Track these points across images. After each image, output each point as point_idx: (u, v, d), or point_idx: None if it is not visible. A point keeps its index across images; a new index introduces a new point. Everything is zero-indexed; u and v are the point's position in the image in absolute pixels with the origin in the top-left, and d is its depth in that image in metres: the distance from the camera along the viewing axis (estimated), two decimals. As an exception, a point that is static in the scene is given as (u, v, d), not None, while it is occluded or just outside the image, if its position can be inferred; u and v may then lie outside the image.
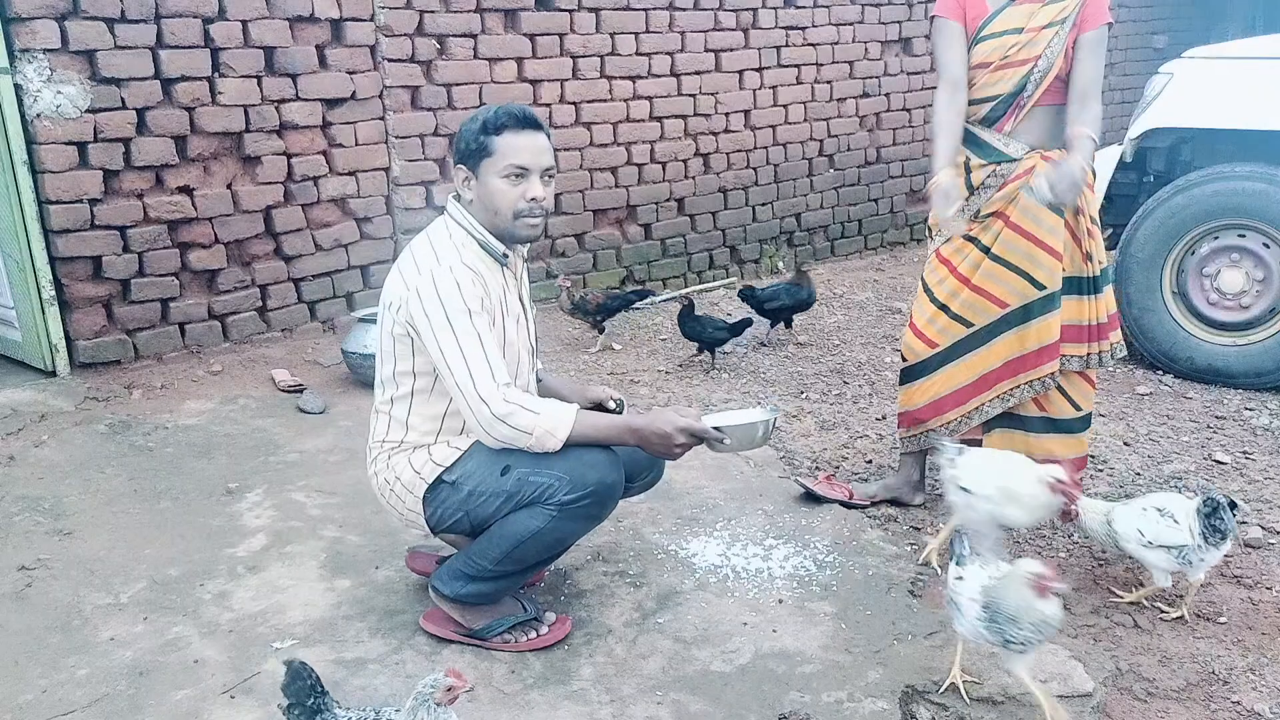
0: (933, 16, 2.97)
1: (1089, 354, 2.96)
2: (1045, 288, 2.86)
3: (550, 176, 2.37)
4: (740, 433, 2.38)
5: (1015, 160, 2.86)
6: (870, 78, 6.58)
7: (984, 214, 2.91)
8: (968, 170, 2.92)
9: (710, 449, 2.37)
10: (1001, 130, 2.88)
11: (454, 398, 2.28)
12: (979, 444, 3.15)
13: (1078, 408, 3.01)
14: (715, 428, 2.33)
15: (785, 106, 6.21)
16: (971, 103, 2.90)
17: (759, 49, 5.98)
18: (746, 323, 4.68)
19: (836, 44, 6.35)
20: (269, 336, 4.65)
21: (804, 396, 4.24)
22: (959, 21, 2.90)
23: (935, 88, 2.96)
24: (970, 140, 2.92)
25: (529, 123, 2.31)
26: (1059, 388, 2.96)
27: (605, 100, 5.44)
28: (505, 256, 2.40)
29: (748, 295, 4.88)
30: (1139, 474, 3.44)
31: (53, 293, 4.05)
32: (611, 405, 2.62)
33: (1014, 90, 2.83)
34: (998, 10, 2.84)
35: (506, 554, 2.33)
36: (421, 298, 2.24)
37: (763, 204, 6.27)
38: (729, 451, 2.39)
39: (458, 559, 2.41)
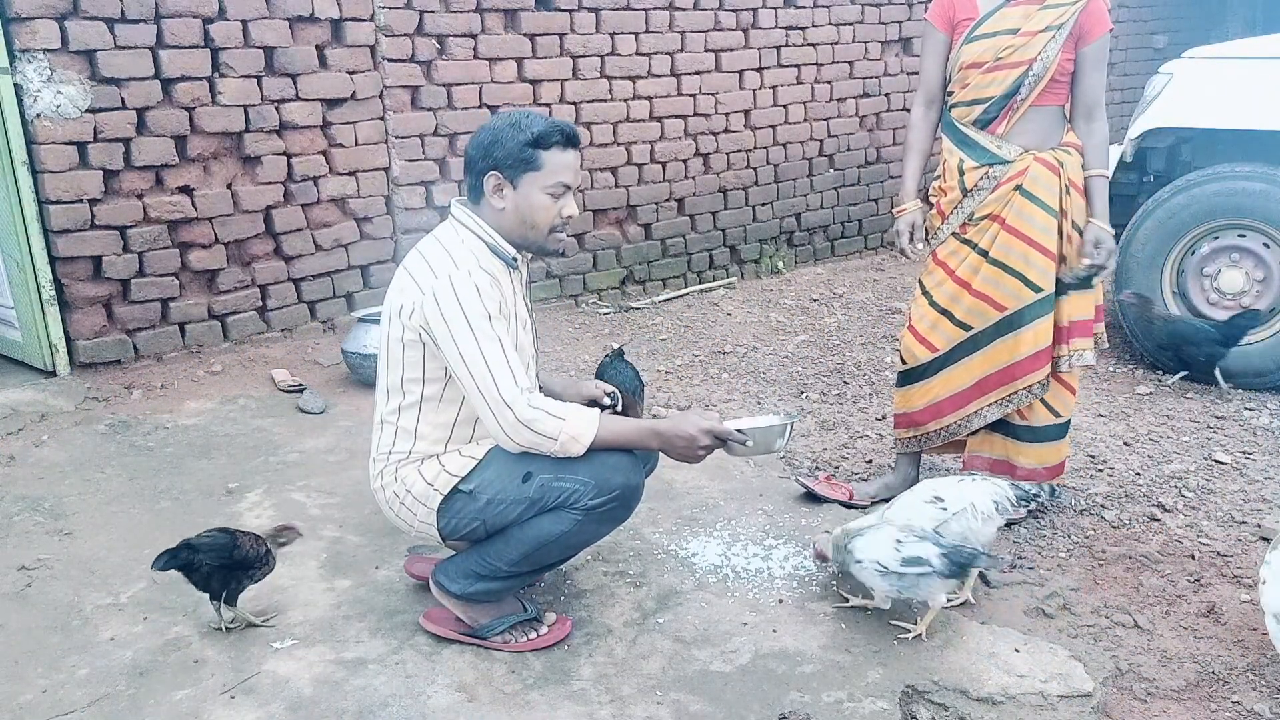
0: (924, 18, 3.00)
1: (1058, 356, 2.96)
2: (1040, 289, 2.85)
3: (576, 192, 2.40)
4: (761, 435, 2.39)
5: (1008, 162, 2.86)
6: (870, 78, 6.58)
7: (978, 216, 2.91)
8: (960, 173, 2.91)
9: (729, 452, 2.38)
10: (995, 132, 2.88)
11: (474, 403, 2.25)
12: (962, 447, 3.16)
13: (1057, 415, 3.01)
14: (738, 430, 2.34)
15: (785, 106, 6.21)
16: (965, 104, 2.90)
17: (759, 49, 5.98)
18: None
19: (836, 44, 6.34)
20: (269, 336, 4.65)
21: (804, 396, 4.24)
22: (945, 31, 2.93)
23: None
24: (964, 142, 2.92)
25: (574, 141, 2.33)
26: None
27: (605, 100, 5.44)
28: (515, 261, 2.40)
29: None
30: (1139, 474, 3.44)
31: (53, 293, 4.05)
32: (607, 401, 2.62)
33: (1008, 92, 2.83)
34: (992, 10, 2.84)
35: (525, 556, 2.33)
36: (439, 302, 2.22)
37: (763, 204, 6.27)
38: (747, 455, 2.40)
39: (468, 558, 2.40)
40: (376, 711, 2.20)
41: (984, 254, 2.91)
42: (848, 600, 2.61)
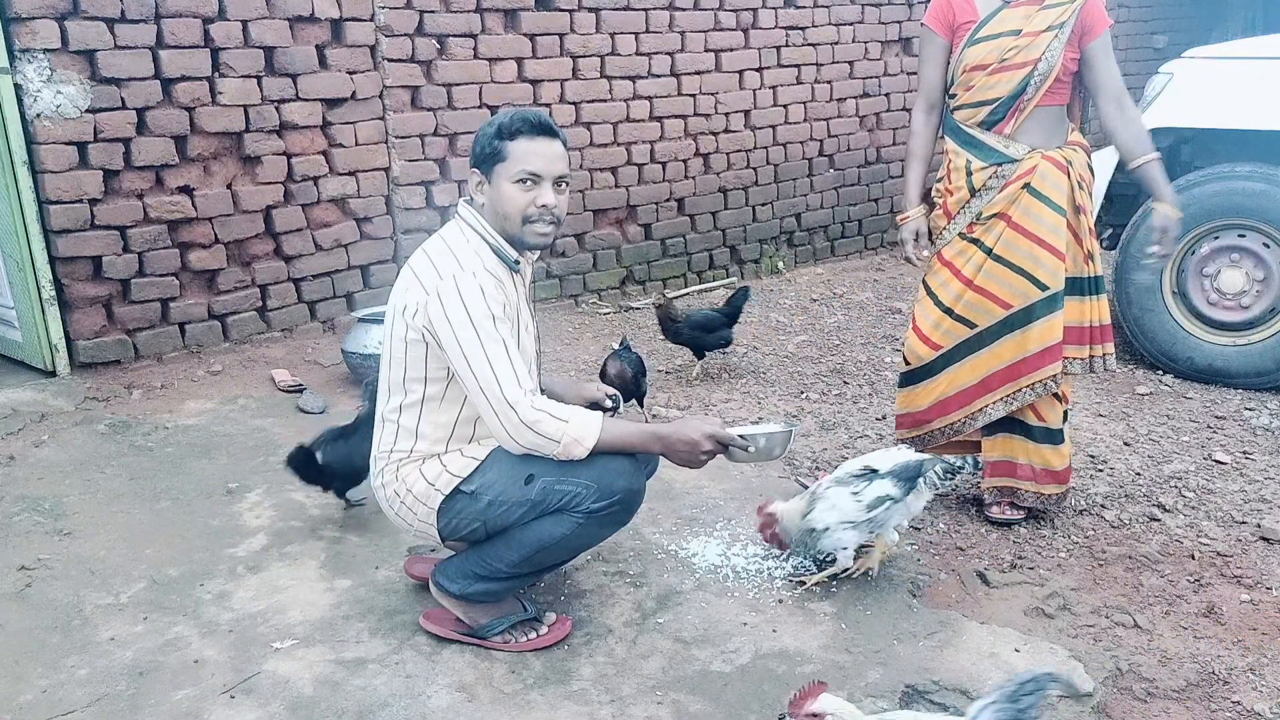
0: (921, 23, 3.00)
1: (1090, 357, 2.96)
2: (1048, 288, 2.85)
3: (564, 185, 2.35)
4: (763, 442, 2.40)
5: (1016, 161, 2.86)
6: (870, 78, 6.58)
7: (986, 215, 2.91)
8: (968, 173, 2.91)
9: (730, 458, 2.39)
10: (1002, 132, 2.88)
11: (476, 403, 2.25)
12: (978, 448, 3.15)
13: (1065, 416, 3.01)
14: (740, 435, 2.34)
15: (785, 106, 6.21)
16: (970, 106, 2.90)
17: (759, 49, 5.98)
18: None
19: (836, 44, 6.35)
20: (269, 336, 4.65)
21: (804, 396, 4.24)
22: (945, 35, 2.94)
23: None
24: (970, 143, 2.92)
25: (544, 129, 2.30)
26: (1054, 394, 2.96)
27: (605, 100, 5.44)
28: (517, 263, 2.39)
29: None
30: (1139, 474, 3.44)
31: (53, 293, 4.05)
32: (608, 404, 2.62)
33: (1014, 93, 2.83)
34: (993, 12, 2.84)
35: (526, 558, 2.33)
36: (444, 302, 2.22)
37: (763, 204, 6.27)
38: (748, 461, 2.42)
39: (469, 559, 2.40)
40: (376, 711, 2.20)
41: (989, 251, 2.91)
42: (838, 575, 2.70)
